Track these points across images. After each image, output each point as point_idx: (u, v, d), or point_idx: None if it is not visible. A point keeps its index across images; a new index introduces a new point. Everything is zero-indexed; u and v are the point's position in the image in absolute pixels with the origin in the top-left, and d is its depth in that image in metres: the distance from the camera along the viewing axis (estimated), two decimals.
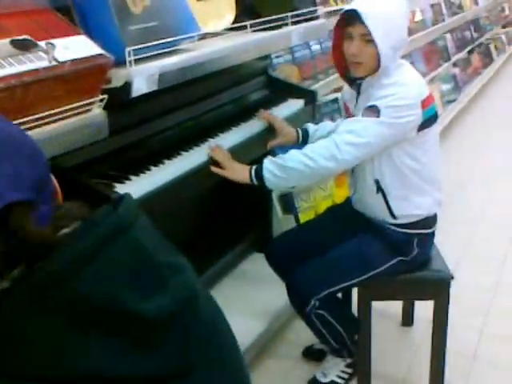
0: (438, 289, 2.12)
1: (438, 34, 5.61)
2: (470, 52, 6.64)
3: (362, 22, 1.82)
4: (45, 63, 1.35)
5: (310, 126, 2.28)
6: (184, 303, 0.80)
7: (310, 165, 1.86)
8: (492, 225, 3.62)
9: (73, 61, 1.41)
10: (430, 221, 2.07)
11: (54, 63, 1.37)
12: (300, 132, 2.26)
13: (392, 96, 1.86)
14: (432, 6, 5.50)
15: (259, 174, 1.92)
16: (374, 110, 1.85)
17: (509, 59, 8.36)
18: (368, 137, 1.84)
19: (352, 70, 1.96)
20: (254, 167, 1.94)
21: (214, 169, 1.93)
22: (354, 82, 2.02)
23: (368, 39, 1.85)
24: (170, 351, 0.77)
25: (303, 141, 2.25)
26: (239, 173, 1.94)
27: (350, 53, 1.89)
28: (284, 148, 2.17)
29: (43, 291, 0.71)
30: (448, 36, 5.94)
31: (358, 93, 2.01)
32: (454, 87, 5.80)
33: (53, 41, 1.41)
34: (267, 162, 1.92)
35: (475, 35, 6.92)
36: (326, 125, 2.29)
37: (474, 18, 7.02)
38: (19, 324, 0.71)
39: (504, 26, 8.73)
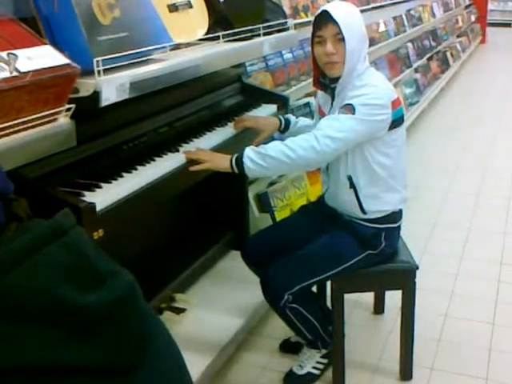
0: (405, 278, 2.05)
1: (400, 44, 5.64)
2: (429, 59, 6.67)
3: (334, 22, 1.76)
4: (6, 74, 1.18)
5: (292, 116, 2.18)
6: (121, 301, 0.73)
7: (290, 155, 1.74)
8: (452, 217, 3.56)
9: (35, 71, 1.23)
10: (396, 216, 1.99)
11: (16, 74, 1.19)
12: (283, 120, 2.13)
13: (365, 95, 1.78)
14: (394, 18, 5.50)
15: (239, 162, 1.77)
16: (349, 108, 1.77)
17: (463, 65, 8.46)
18: (344, 131, 1.75)
19: (327, 71, 1.87)
20: (235, 155, 1.79)
21: (193, 168, 1.75)
22: (328, 88, 1.92)
23: (339, 38, 1.79)
24: (108, 344, 0.71)
25: (285, 128, 2.12)
26: (220, 161, 1.79)
27: (326, 53, 1.80)
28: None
29: None
30: (409, 45, 5.94)
31: (333, 98, 1.91)
32: (416, 91, 5.78)
33: (15, 51, 1.23)
34: (248, 150, 1.78)
35: (433, 44, 6.96)
36: (305, 119, 2.20)
37: (432, 29, 7.09)
38: None
39: (458, 36, 8.85)
